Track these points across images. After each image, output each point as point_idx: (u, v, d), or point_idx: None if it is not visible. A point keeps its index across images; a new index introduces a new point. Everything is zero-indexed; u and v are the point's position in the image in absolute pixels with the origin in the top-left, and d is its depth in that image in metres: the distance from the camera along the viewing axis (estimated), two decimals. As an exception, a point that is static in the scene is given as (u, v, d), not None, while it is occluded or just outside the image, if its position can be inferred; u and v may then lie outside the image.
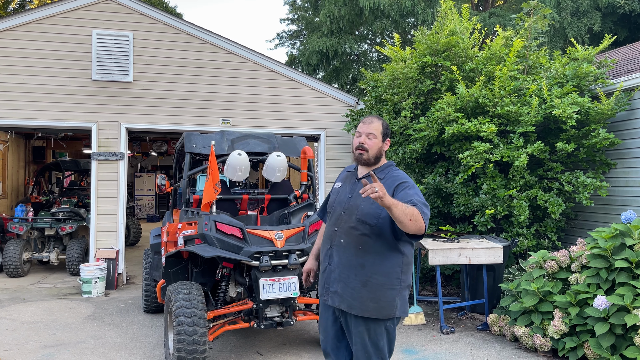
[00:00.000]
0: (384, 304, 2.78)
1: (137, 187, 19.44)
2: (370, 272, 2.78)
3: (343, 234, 2.85)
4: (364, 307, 2.77)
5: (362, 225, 2.79)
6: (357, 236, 2.80)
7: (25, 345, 5.19)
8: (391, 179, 2.86)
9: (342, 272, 2.83)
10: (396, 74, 7.20)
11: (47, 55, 7.96)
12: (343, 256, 2.84)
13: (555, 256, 5.15)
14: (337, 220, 2.91)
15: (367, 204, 2.80)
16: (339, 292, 2.83)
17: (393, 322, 2.87)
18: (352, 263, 2.81)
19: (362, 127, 2.94)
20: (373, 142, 2.90)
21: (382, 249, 2.79)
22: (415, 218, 2.52)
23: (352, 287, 2.80)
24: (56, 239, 9.38)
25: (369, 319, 2.79)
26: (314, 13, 19.82)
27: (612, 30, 15.24)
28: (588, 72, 6.51)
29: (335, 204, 2.98)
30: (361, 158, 2.91)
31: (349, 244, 2.82)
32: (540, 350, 4.91)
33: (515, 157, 6.07)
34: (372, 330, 2.80)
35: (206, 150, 5.12)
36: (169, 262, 5.04)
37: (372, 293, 2.77)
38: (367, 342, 2.81)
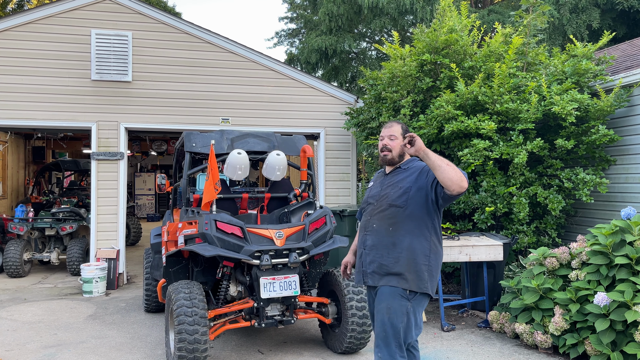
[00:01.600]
0: (415, 276, 3.01)
1: (137, 187, 19.44)
2: (401, 249, 3.04)
3: (376, 220, 3.15)
4: (398, 276, 3.01)
5: (391, 208, 3.09)
6: (388, 218, 3.09)
7: (27, 346, 5.20)
8: (415, 167, 3.14)
9: (376, 253, 3.11)
10: (395, 72, 7.20)
11: (46, 56, 7.96)
12: (376, 239, 3.12)
13: (556, 253, 5.16)
14: (371, 211, 3.21)
15: (395, 190, 3.12)
16: (376, 270, 3.09)
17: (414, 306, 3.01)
18: (384, 242, 3.08)
19: (383, 132, 3.25)
20: (395, 142, 3.19)
21: (411, 229, 3.04)
22: (453, 165, 2.77)
23: (386, 263, 3.06)
24: (57, 239, 9.38)
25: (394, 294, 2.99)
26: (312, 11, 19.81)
27: (611, 26, 15.24)
28: (587, 68, 6.51)
29: (369, 199, 3.30)
30: (386, 158, 3.21)
31: (380, 227, 3.12)
32: (541, 347, 4.92)
33: (515, 154, 6.07)
34: (392, 307, 2.99)
35: (206, 150, 5.12)
36: (169, 261, 5.04)
37: (405, 267, 3.01)
38: (386, 319, 3.00)
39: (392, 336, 2.98)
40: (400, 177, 3.17)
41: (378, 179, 3.36)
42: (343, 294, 4.72)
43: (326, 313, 4.92)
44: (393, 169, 3.25)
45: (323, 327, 5.15)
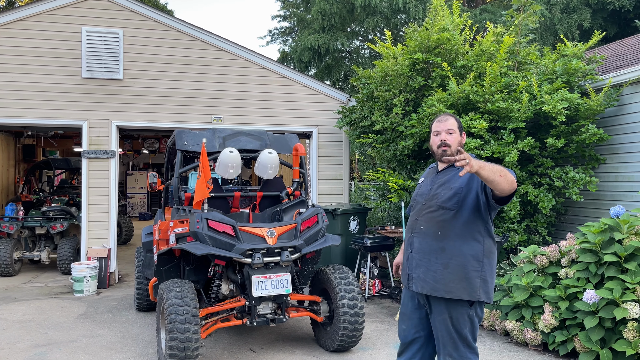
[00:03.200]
0: (466, 284, 2.83)
1: (129, 185, 19.35)
2: (450, 255, 2.86)
3: (423, 221, 2.97)
4: (447, 288, 2.84)
5: (441, 211, 2.90)
6: (437, 221, 2.90)
7: (17, 345, 5.17)
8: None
9: (423, 257, 2.93)
10: (387, 71, 7.22)
11: (36, 53, 7.90)
12: (423, 242, 2.95)
13: (546, 251, 5.20)
14: (419, 211, 3.03)
15: (446, 191, 2.92)
16: (422, 276, 2.92)
17: (476, 308, 2.90)
18: (433, 247, 2.90)
19: (439, 126, 3.02)
20: (453, 137, 2.99)
21: (462, 233, 2.87)
22: (504, 173, 2.59)
23: (433, 270, 2.88)
24: (47, 237, 9.32)
25: (452, 304, 2.85)
26: (305, 10, 19.79)
27: (602, 26, 15.35)
28: (577, 68, 6.56)
29: (417, 197, 3.11)
30: (445, 154, 2.95)
31: (428, 229, 2.93)
32: (531, 344, 4.96)
33: (506, 153, 6.10)
34: (454, 316, 2.86)
35: (197, 148, 5.11)
36: (161, 260, 5.03)
37: (454, 274, 2.84)
38: (451, 328, 2.87)
39: (460, 340, 2.88)
40: (452, 176, 2.97)
41: (429, 176, 3.14)
42: (335, 292, 4.73)
43: (318, 311, 4.92)
44: (446, 167, 3.05)
45: (315, 325, 5.16)
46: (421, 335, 3.04)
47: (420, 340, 3.05)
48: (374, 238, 6.93)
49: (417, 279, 2.95)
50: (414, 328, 3.06)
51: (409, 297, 3.08)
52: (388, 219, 9.18)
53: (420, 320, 3.04)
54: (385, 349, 5.06)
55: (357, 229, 7.67)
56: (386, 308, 6.59)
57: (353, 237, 7.37)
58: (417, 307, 3.05)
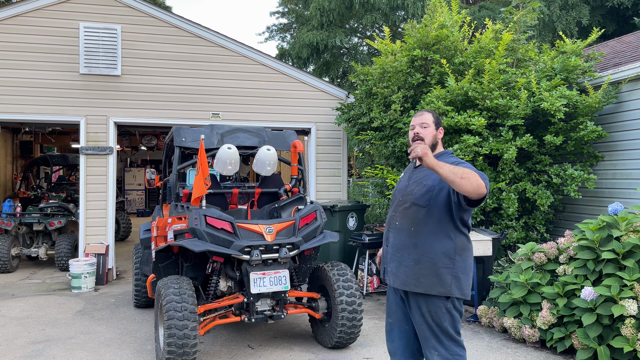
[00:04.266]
0: (437, 280, 2.87)
1: (127, 182, 19.33)
2: (422, 251, 2.90)
3: (399, 217, 3.02)
4: (417, 282, 2.90)
5: (414, 207, 2.95)
6: (411, 218, 2.95)
7: (15, 341, 5.16)
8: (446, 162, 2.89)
9: (397, 252, 3.00)
10: (386, 68, 7.20)
11: (33, 49, 7.87)
12: (397, 237, 3.01)
13: (544, 248, 5.20)
14: (396, 206, 3.08)
15: (420, 188, 2.96)
16: (394, 271, 3.00)
17: (453, 302, 2.91)
18: (406, 243, 2.96)
19: (414, 120, 3.07)
20: (427, 130, 3.02)
21: (434, 230, 2.90)
22: (468, 176, 2.58)
23: (405, 265, 2.95)
24: (45, 234, 9.31)
25: (427, 298, 2.89)
26: (304, 6, 19.74)
27: (601, 23, 15.35)
28: (576, 65, 6.55)
29: (396, 193, 3.16)
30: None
31: (403, 225, 2.99)
32: (529, 340, 4.97)
33: (505, 150, 6.10)
34: (432, 310, 2.90)
35: (196, 144, 5.10)
36: (159, 256, 5.02)
37: (425, 270, 2.88)
38: (431, 322, 2.90)
39: (441, 333, 2.90)
40: (427, 173, 2.99)
41: (407, 172, 3.19)
42: (333, 289, 4.74)
43: (316, 308, 4.93)
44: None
45: (313, 322, 5.16)
46: (406, 329, 3.08)
47: (407, 334, 3.09)
48: (372, 235, 6.93)
49: (390, 272, 3.04)
50: (399, 322, 3.10)
51: (393, 291, 3.14)
52: (386, 215, 9.17)
53: (405, 315, 3.09)
54: (383, 345, 5.06)
55: (355, 225, 7.67)
56: (384, 305, 6.60)
57: (351, 234, 7.37)
58: (400, 301, 3.10)
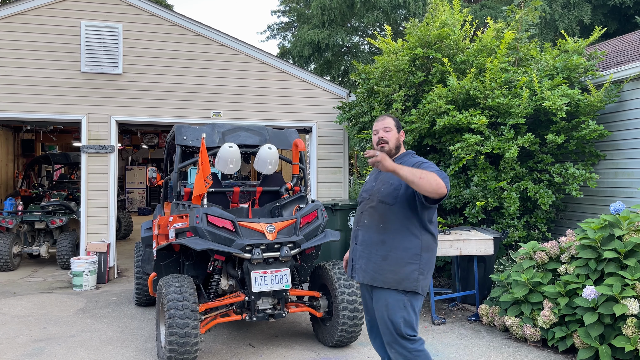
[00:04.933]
0: (403, 275, 3.00)
1: (128, 180, 19.34)
2: (389, 248, 3.04)
3: (367, 215, 3.17)
4: (385, 278, 3.02)
5: (382, 205, 3.09)
6: (378, 215, 3.09)
7: (16, 339, 5.17)
8: (408, 163, 3.08)
9: (365, 249, 3.13)
10: (387, 66, 7.19)
11: (35, 47, 7.87)
12: (366, 235, 3.14)
13: (545, 247, 5.20)
14: (364, 205, 3.23)
15: (387, 187, 3.11)
16: (363, 267, 3.12)
17: (410, 299, 3.02)
18: (374, 240, 3.09)
19: (377, 125, 3.23)
20: (390, 134, 3.20)
21: (401, 228, 3.04)
22: (426, 176, 2.75)
23: (374, 261, 3.07)
24: (46, 232, 9.31)
25: (389, 293, 3.02)
26: (305, 5, 19.72)
27: (603, 22, 15.31)
28: (578, 64, 6.54)
29: (363, 193, 3.30)
30: (383, 150, 3.17)
31: (371, 223, 3.12)
32: (530, 340, 4.96)
33: (506, 149, 6.09)
34: (389, 305, 3.02)
35: (197, 143, 5.10)
36: (160, 255, 5.02)
37: (392, 266, 3.02)
38: (386, 317, 3.02)
39: (394, 330, 3.00)
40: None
41: (374, 173, 3.35)
42: (334, 288, 4.73)
43: (317, 307, 4.92)
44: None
45: (314, 320, 5.16)
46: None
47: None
48: (374, 234, 6.91)
49: (359, 269, 3.15)
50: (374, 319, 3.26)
51: (365, 290, 3.28)
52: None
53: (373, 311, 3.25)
54: (385, 344, 5.06)
55: (356, 224, 7.65)
56: (385, 304, 6.59)
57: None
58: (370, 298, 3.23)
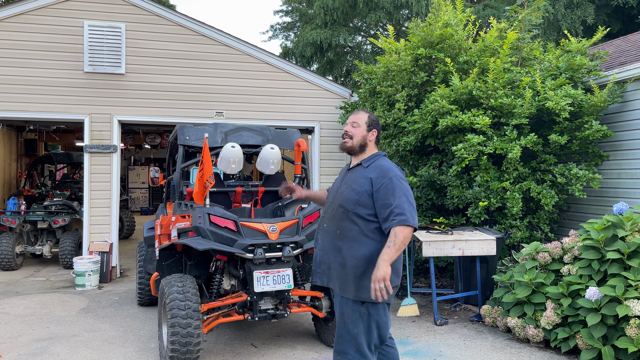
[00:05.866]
0: (359, 285, 2.86)
1: (131, 180, 19.36)
2: (346, 256, 2.91)
3: (327, 219, 3.06)
4: (343, 286, 2.93)
5: (341, 210, 2.97)
6: (336, 221, 2.98)
7: (19, 339, 5.18)
8: (374, 168, 2.96)
9: (325, 255, 3.03)
10: (390, 66, 7.19)
11: (38, 47, 7.88)
12: (325, 239, 3.03)
13: (548, 248, 5.18)
14: (327, 208, 3.13)
15: (349, 190, 2.97)
16: (325, 272, 3.03)
17: (368, 309, 2.86)
18: (332, 246, 2.98)
19: (348, 119, 3.15)
20: (357, 130, 3.05)
21: (358, 235, 2.90)
22: (400, 245, 2.74)
23: (334, 268, 2.97)
24: (49, 232, 9.33)
25: (347, 301, 2.91)
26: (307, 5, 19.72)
27: (606, 22, 15.27)
28: (581, 64, 6.52)
29: (329, 194, 3.19)
30: (345, 145, 3.06)
31: (330, 228, 3.02)
32: (533, 340, 4.95)
33: (509, 149, 6.08)
34: (346, 314, 2.90)
35: (199, 143, 5.10)
36: (162, 254, 5.03)
37: (350, 274, 2.90)
38: (343, 327, 2.91)
39: (349, 342, 2.85)
40: (358, 176, 2.99)
41: (342, 173, 3.22)
42: (336, 288, 4.73)
43: (319, 307, 4.92)
44: (355, 165, 3.09)
45: (316, 320, 5.15)
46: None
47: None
48: (376, 234, 6.91)
49: (322, 274, 3.06)
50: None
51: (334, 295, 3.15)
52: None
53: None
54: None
55: (358, 224, 7.64)
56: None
57: (355, 232, 7.35)
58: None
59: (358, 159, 3.08)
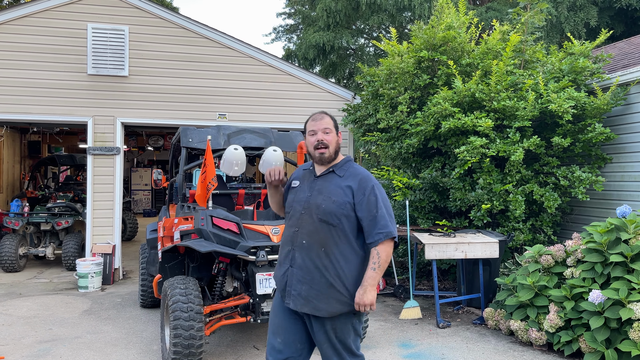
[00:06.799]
0: (348, 298, 2.73)
1: (134, 182, 19.39)
2: (333, 274, 2.71)
3: (305, 235, 2.75)
4: (331, 307, 2.71)
5: (324, 225, 2.73)
6: (321, 237, 2.73)
7: (22, 340, 5.19)
8: (352, 175, 2.81)
9: (306, 274, 2.73)
10: (393, 69, 7.19)
11: (42, 50, 7.91)
12: (306, 257, 2.74)
13: (551, 250, 5.17)
14: (298, 221, 2.79)
15: (328, 203, 2.74)
16: (303, 294, 2.73)
17: (359, 317, 2.84)
18: (317, 264, 2.72)
19: (314, 125, 2.84)
20: (330, 136, 2.82)
21: (345, 251, 2.74)
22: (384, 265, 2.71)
23: (317, 289, 2.71)
24: (52, 233, 9.35)
25: (335, 319, 2.74)
26: (310, 7, 19.75)
27: (609, 24, 15.25)
28: (584, 66, 6.51)
29: (294, 204, 2.85)
30: (323, 156, 2.80)
31: (311, 245, 2.74)
32: (536, 344, 4.94)
33: (512, 151, 6.07)
34: (338, 328, 2.75)
35: (202, 145, 5.11)
36: (165, 257, 5.03)
37: (336, 294, 2.71)
38: (335, 340, 2.76)
39: (344, 350, 2.77)
40: (334, 186, 2.78)
41: (306, 180, 2.89)
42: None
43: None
44: (325, 171, 2.84)
45: (319, 323, 5.14)
46: (299, 347, 2.83)
47: (297, 354, 2.83)
48: (378, 236, 6.90)
49: (297, 296, 2.74)
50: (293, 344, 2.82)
51: (285, 310, 2.85)
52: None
53: (301, 336, 2.84)
54: (389, 347, 5.05)
55: (361, 227, 7.63)
56: (390, 306, 6.58)
57: (357, 235, 7.34)
58: (295, 319, 2.84)
59: (327, 165, 2.85)
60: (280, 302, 2.87)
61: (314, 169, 2.90)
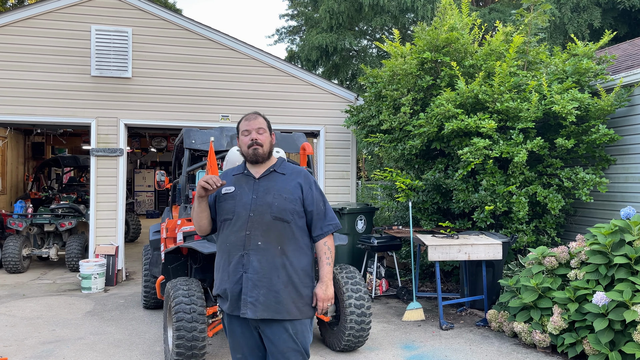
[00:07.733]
0: (303, 303, 2.72)
1: (137, 183, 19.43)
2: (291, 271, 2.69)
3: (260, 236, 2.68)
4: (288, 309, 2.66)
5: (278, 223, 2.69)
6: (276, 236, 2.69)
7: (25, 341, 5.20)
8: (293, 173, 2.84)
9: (264, 277, 2.65)
10: (396, 70, 7.19)
11: (46, 51, 7.94)
12: (263, 260, 2.66)
13: (555, 252, 5.15)
14: (247, 224, 2.69)
15: (280, 200, 2.71)
16: (261, 299, 2.63)
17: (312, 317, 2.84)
18: (275, 264, 2.67)
19: (248, 125, 2.80)
20: (264, 136, 2.80)
21: (297, 247, 2.74)
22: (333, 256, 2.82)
23: (275, 290, 2.64)
24: (55, 235, 9.37)
25: (294, 322, 2.69)
26: (313, 9, 19.76)
27: (612, 26, 15.21)
28: (588, 68, 6.50)
29: (237, 209, 2.73)
30: (257, 153, 2.76)
31: (268, 245, 2.67)
32: (539, 346, 4.92)
33: (515, 153, 6.06)
34: (299, 331, 2.70)
35: (205, 146, 5.11)
36: (168, 258, 5.04)
37: (294, 293, 2.68)
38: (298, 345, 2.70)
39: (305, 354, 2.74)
40: (281, 183, 2.77)
41: (243, 183, 2.80)
42: (342, 292, 4.72)
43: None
44: (266, 172, 2.80)
45: (321, 325, 5.15)
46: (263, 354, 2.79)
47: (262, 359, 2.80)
48: (381, 238, 6.91)
49: (255, 302, 2.63)
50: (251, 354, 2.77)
51: (239, 323, 2.74)
52: (395, 218, 9.15)
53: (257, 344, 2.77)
54: (392, 349, 5.04)
55: (364, 228, 7.65)
56: (393, 308, 6.57)
57: (360, 236, 7.36)
58: (251, 332, 2.75)
59: (265, 166, 2.82)
60: (229, 321, 2.78)
61: (249, 172, 2.83)
